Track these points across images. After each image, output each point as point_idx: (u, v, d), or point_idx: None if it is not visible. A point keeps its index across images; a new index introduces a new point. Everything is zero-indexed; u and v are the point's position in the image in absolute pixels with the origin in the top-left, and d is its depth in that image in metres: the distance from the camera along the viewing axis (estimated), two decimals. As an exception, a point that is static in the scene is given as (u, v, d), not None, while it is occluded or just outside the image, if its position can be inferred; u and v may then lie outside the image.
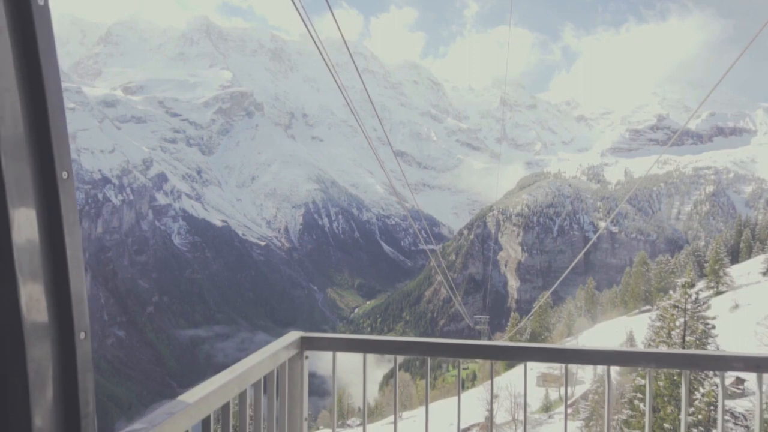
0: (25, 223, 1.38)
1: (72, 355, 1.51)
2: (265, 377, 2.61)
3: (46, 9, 1.41)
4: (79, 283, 1.52)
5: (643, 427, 19.35)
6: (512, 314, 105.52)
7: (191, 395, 2.07)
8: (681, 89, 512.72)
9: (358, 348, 3.18)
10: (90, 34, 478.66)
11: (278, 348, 2.79)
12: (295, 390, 2.97)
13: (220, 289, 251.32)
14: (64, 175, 1.47)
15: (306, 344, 3.05)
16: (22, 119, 1.37)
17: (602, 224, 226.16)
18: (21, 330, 1.37)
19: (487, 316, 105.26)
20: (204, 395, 2.09)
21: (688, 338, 20.82)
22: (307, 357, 3.06)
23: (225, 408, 2.24)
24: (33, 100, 1.40)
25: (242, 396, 2.40)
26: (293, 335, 3.03)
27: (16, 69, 1.35)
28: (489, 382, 51.98)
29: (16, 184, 1.34)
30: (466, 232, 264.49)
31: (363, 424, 3.50)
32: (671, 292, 23.01)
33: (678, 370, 2.72)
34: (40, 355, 1.42)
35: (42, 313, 1.43)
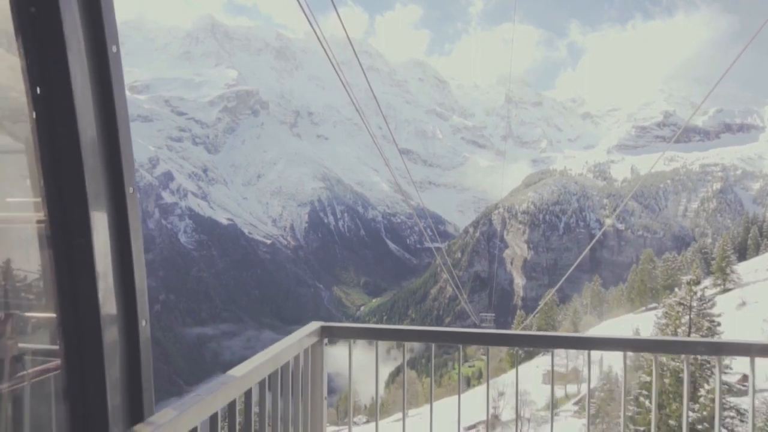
0: (101, 229, 1.82)
1: (135, 339, 1.96)
2: (292, 360, 2.94)
3: (118, 55, 1.89)
4: (141, 279, 1.98)
5: (648, 423, 19.37)
6: (518, 312, 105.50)
7: (237, 371, 2.43)
8: (688, 86, 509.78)
9: (371, 336, 3.60)
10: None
11: (302, 335, 3.12)
12: (317, 372, 3.31)
13: (226, 288, 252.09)
14: (131, 189, 1.93)
15: (326, 332, 3.39)
16: (98, 144, 1.82)
17: (608, 221, 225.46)
18: (98, 317, 1.81)
19: (493, 314, 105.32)
20: (247, 371, 2.45)
21: (693, 335, 20.81)
22: (326, 344, 3.40)
23: (261, 384, 2.59)
24: (107, 128, 1.86)
25: (274, 375, 2.73)
26: (314, 325, 3.35)
27: (94, 104, 1.80)
28: (495, 380, 51.99)
29: (95, 198, 1.78)
30: (471, 229, 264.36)
31: (375, 410, 3.78)
32: (677, 289, 22.98)
33: (652, 355, 3.08)
34: (111, 339, 1.85)
35: (113, 303, 1.87)
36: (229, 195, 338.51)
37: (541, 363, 57.06)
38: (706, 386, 17.33)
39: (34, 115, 1.71)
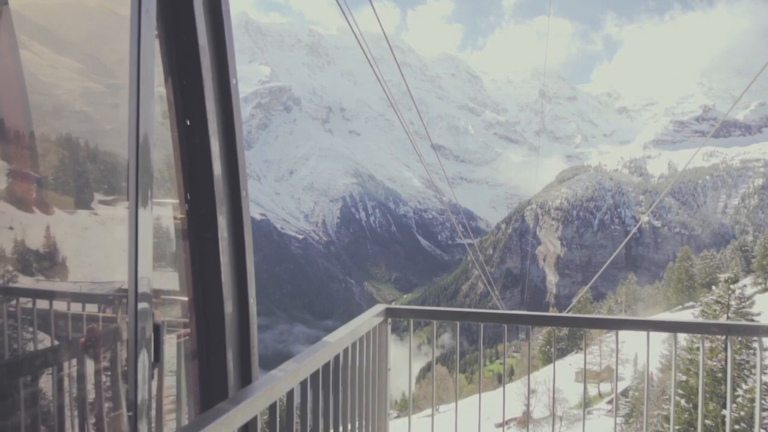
0: (223, 225, 2.38)
1: (246, 312, 2.49)
2: (362, 337, 3.31)
3: (236, 86, 2.51)
4: (251, 265, 2.53)
5: (683, 422, 19.09)
6: (551, 309, 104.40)
7: (330, 338, 2.84)
8: (728, 79, 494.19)
9: (431, 316, 4.24)
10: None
11: (370, 316, 3.52)
12: (382, 347, 3.72)
13: (259, 282, 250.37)
14: (244, 193, 2.52)
15: (389, 313, 3.84)
16: (220, 160, 2.39)
17: (644, 217, 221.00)
18: (221, 296, 2.33)
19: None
20: (337, 339, 2.81)
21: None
22: (389, 323, 3.85)
23: (346, 352, 2.96)
24: (228, 146, 2.44)
25: (353, 346, 3.11)
26: (379, 307, 3.81)
27: (219, 125, 2.39)
28: (526, 377, 51.65)
29: (220, 200, 2.37)
30: (503, 226, 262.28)
31: (432, 384, 4.16)
32: (714, 287, 22.54)
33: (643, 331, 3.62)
34: (230, 312, 2.39)
35: (230, 282, 2.41)
36: (262, 190, 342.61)
37: (573, 361, 56.44)
38: (744, 386, 16.99)
39: (178, 136, 2.26)
